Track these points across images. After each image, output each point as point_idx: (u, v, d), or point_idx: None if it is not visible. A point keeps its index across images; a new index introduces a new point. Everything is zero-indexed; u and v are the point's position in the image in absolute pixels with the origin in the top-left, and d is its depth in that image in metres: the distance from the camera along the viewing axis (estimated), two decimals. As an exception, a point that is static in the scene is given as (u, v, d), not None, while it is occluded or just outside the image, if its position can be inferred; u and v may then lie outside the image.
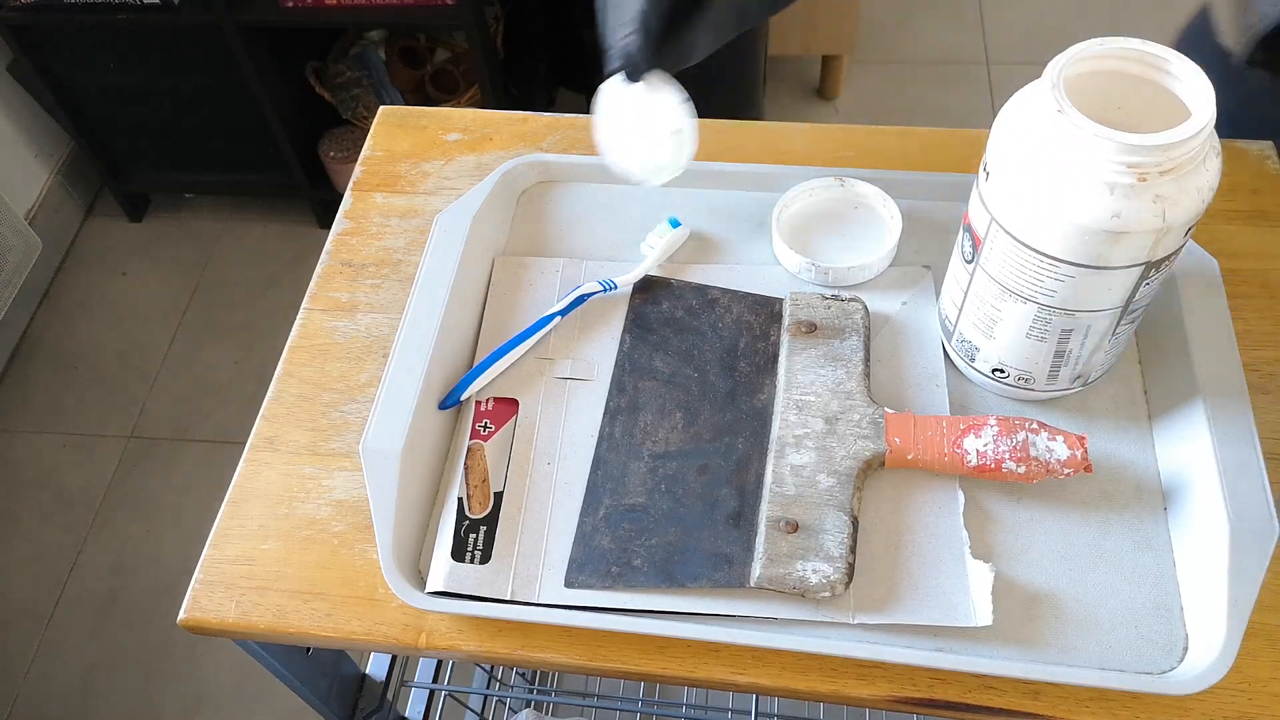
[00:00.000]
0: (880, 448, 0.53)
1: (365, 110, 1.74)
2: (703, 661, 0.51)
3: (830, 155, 0.71)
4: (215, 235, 1.92)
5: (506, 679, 1.18)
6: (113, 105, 1.74)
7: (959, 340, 0.57)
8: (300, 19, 1.54)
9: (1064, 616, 0.50)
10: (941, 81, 2.02)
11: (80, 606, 1.48)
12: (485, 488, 0.55)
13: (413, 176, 0.72)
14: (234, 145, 1.79)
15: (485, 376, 0.58)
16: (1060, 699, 0.49)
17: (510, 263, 0.65)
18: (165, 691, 1.40)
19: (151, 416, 1.67)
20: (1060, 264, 0.47)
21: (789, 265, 0.63)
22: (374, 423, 0.54)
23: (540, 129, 0.74)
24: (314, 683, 0.67)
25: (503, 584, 0.52)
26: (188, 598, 0.55)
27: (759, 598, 0.51)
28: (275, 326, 1.77)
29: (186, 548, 1.52)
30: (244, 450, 0.60)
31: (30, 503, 1.59)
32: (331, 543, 0.56)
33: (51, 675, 1.43)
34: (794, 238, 0.64)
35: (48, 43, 1.64)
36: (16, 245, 1.71)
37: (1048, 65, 0.46)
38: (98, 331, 1.79)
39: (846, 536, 0.51)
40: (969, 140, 0.71)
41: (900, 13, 2.15)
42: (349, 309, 0.66)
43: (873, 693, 0.50)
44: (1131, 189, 0.44)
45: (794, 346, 0.58)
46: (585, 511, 0.55)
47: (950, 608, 0.50)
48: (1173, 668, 0.48)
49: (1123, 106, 0.48)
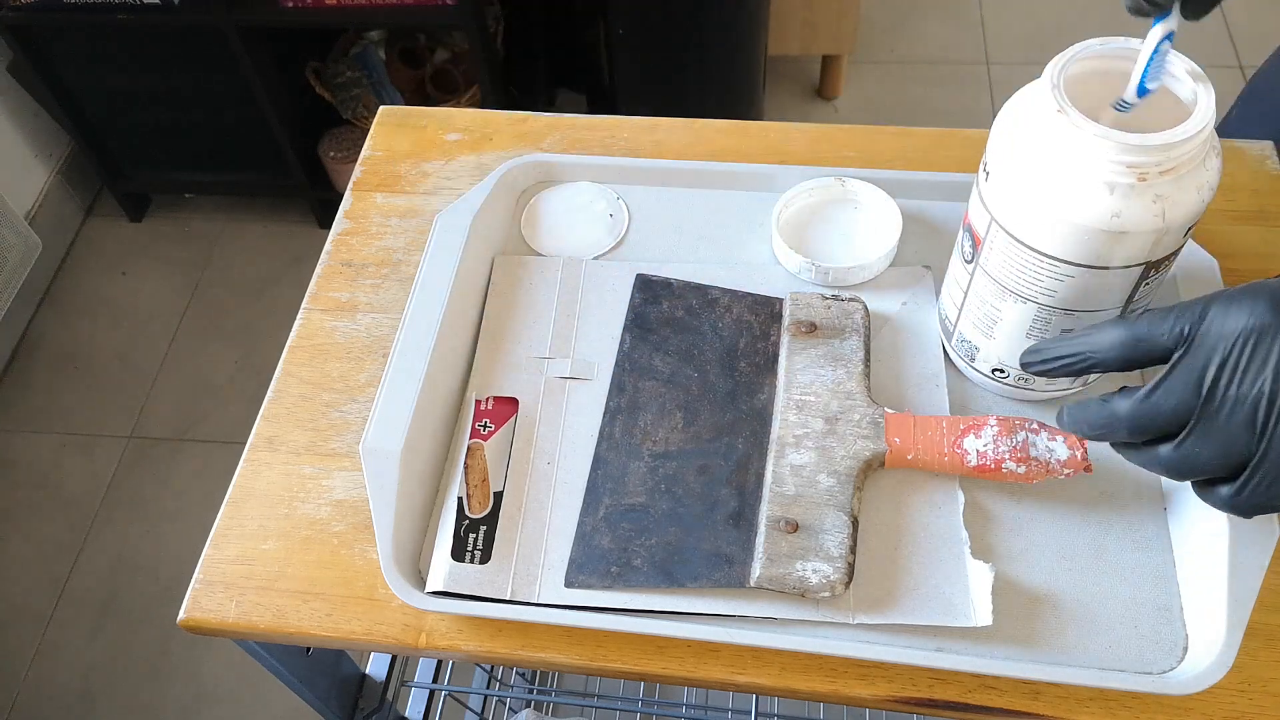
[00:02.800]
0: (880, 448, 0.53)
1: (365, 110, 1.74)
2: (703, 661, 0.51)
3: (830, 155, 0.71)
4: (215, 235, 1.92)
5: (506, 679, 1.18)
6: (113, 105, 1.74)
7: (959, 340, 0.57)
8: (300, 19, 1.54)
9: (1064, 616, 0.50)
10: (941, 81, 2.02)
11: (80, 606, 1.48)
12: (485, 487, 0.55)
13: (413, 176, 0.72)
14: (234, 145, 1.79)
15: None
16: (1060, 699, 0.49)
17: (510, 262, 0.65)
18: (165, 691, 1.40)
19: (151, 416, 1.67)
20: (1060, 264, 0.47)
21: (789, 265, 0.63)
22: (374, 423, 0.54)
23: (540, 129, 0.74)
24: (314, 683, 0.67)
25: (503, 584, 0.52)
26: (188, 598, 0.55)
27: (759, 598, 0.51)
28: (275, 326, 1.77)
29: (186, 548, 1.52)
30: (244, 450, 0.60)
31: (30, 503, 1.59)
32: (331, 543, 0.56)
33: (51, 675, 1.43)
34: (794, 238, 0.64)
35: (48, 43, 1.64)
36: (16, 245, 1.71)
37: (1048, 65, 0.46)
38: (98, 331, 1.79)
39: (846, 536, 0.51)
40: (969, 140, 0.71)
41: (900, 13, 2.15)
42: (349, 309, 0.66)
43: (873, 693, 0.50)
44: (1131, 189, 0.44)
45: (794, 346, 0.58)
46: (585, 511, 0.55)
47: (950, 608, 0.50)
48: (1173, 668, 0.48)
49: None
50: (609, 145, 0.73)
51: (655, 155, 0.71)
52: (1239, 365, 0.40)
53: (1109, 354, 0.45)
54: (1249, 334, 0.40)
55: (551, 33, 1.84)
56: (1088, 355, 0.46)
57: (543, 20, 1.81)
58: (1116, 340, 0.45)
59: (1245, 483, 0.41)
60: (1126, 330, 0.44)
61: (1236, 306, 0.41)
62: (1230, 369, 0.40)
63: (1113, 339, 0.45)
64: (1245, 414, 0.40)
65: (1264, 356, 0.40)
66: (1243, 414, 0.40)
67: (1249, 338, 0.40)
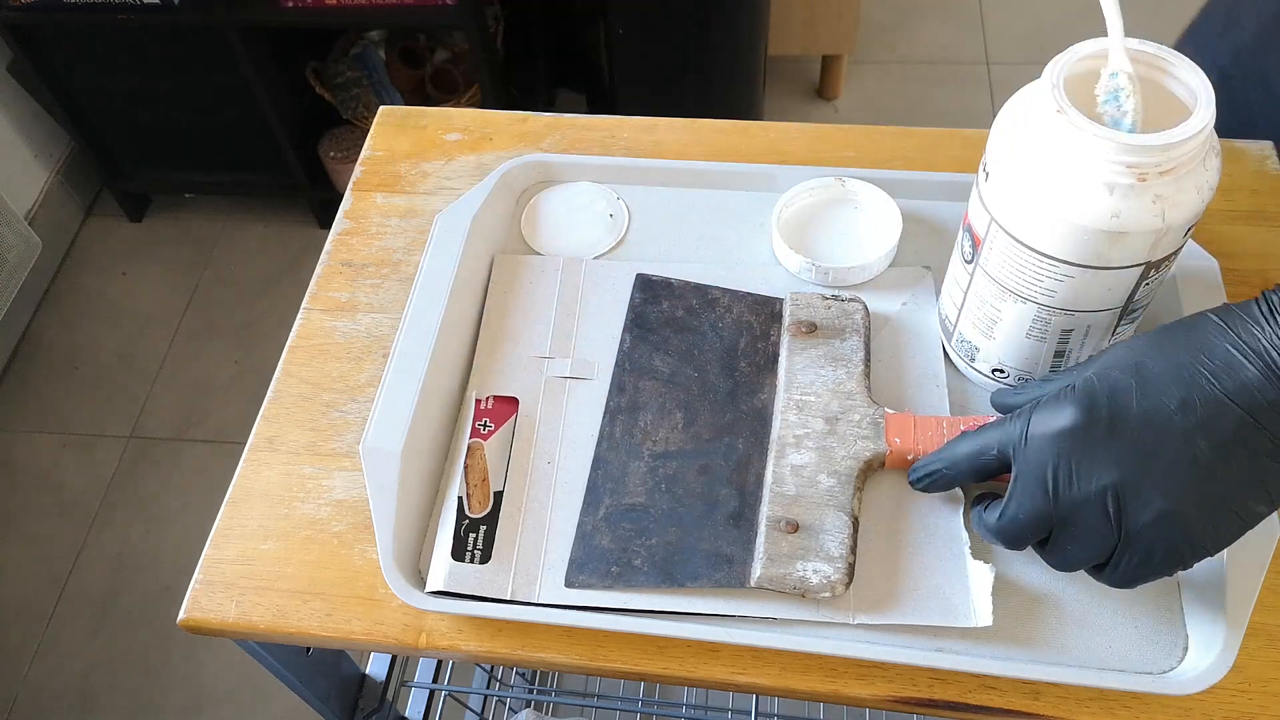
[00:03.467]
0: (880, 448, 0.53)
1: (365, 110, 1.74)
2: (703, 661, 0.51)
3: (830, 155, 0.71)
4: (215, 235, 1.92)
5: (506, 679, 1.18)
6: (113, 105, 1.74)
7: (959, 340, 0.57)
8: (300, 19, 1.54)
9: (1064, 616, 0.50)
10: (941, 81, 2.02)
11: (80, 606, 1.48)
12: (485, 487, 0.55)
13: (413, 176, 0.72)
14: (234, 145, 1.79)
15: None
16: (1060, 699, 0.49)
17: (510, 260, 0.65)
18: (165, 691, 1.40)
19: (151, 416, 1.67)
20: (1060, 264, 0.47)
21: (789, 265, 0.63)
22: (374, 423, 0.54)
23: (540, 129, 0.74)
24: (314, 683, 0.67)
25: (502, 583, 0.52)
26: (188, 598, 0.55)
27: (759, 598, 0.51)
28: (275, 326, 1.77)
29: (186, 548, 1.52)
30: (244, 450, 0.60)
31: (30, 503, 1.59)
32: (331, 543, 0.56)
33: (51, 675, 1.43)
34: (794, 238, 0.64)
35: (48, 43, 1.64)
36: (16, 245, 1.71)
37: (1047, 65, 0.46)
38: (98, 331, 1.79)
39: (847, 537, 0.51)
40: (969, 140, 0.71)
41: (900, 13, 2.15)
42: (349, 309, 0.66)
43: (873, 693, 0.50)
44: (1131, 189, 0.44)
45: (794, 346, 0.58)
46: (585, 511, 0.55)
47: (950, 608, 0.50)
48: (1173, 668, 0.48)
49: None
50: (609, 145, 0.73)
51: (655, 155, 0.71)
52: (1072, 466, 0.42)
53: (959, 467, 0.48)
54: (1072, 434, 0.42)
55: (551, 33, 1.84)
56: (943, 471, 0.49)
57: (543, 20, 1.81)
58: (963, 454, 0.48)
59: (1116, 565, 0.43)
60: (971, 443, 0.47)
61: (1051, 413, 0.43)
62: (1065, 471, 0.42)
63: (961, 453, 0.48)
64: (1097, 509, 0.42)
65: (1092, 453, 0.42)
66: (1095, 510, 0.42)
67: (1073, 438, 0.42)
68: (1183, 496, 0.40)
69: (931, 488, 0.50)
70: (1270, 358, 0.39)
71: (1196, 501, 0.40)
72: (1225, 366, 0.40)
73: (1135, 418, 0.41)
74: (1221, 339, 0.41)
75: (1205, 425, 0.40)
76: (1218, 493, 0.40)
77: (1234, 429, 0.40)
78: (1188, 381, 0.41)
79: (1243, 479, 0.40)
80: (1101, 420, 0.42)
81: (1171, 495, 0.41)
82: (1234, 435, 0.40)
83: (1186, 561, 0.42)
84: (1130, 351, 0.43)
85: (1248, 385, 0.40)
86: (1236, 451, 0.40)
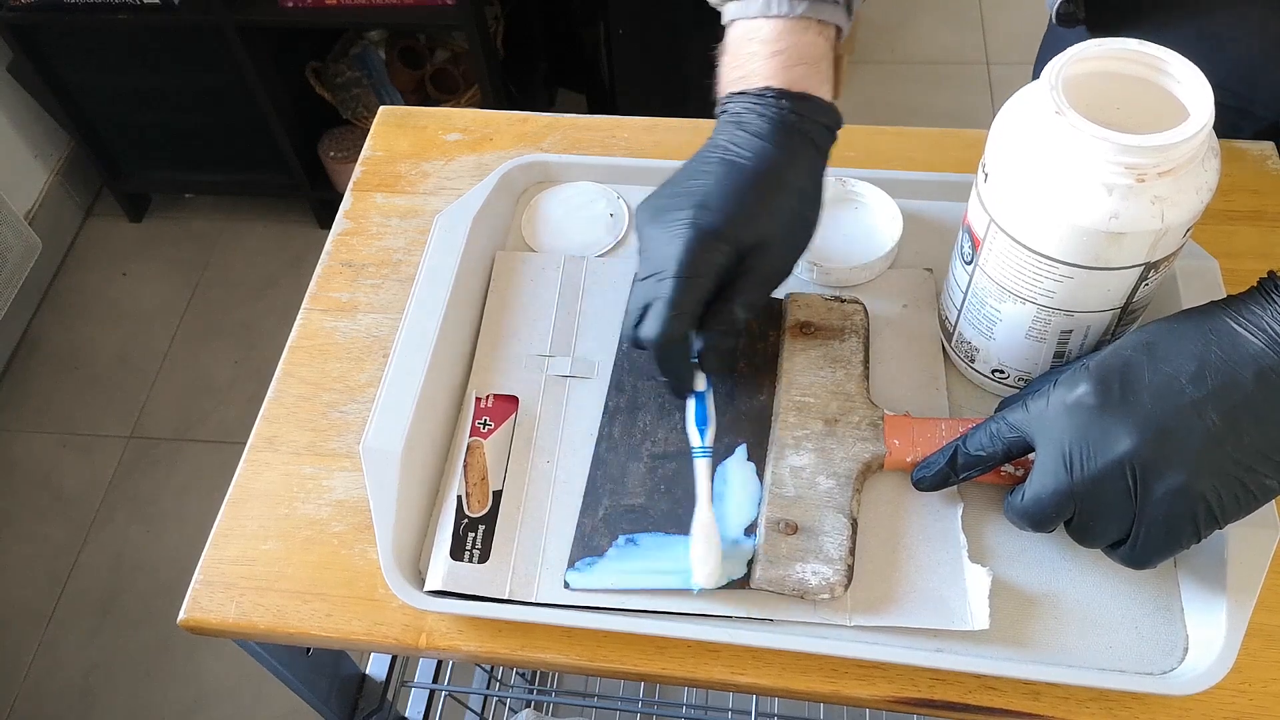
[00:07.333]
0: (879, 450, 0.53)
1: (365, 110, 1.74)
2: (703, 662, 0.51)
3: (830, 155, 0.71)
4: (215, 235, 1.92)
5: (506, 679, 1.18)
6: (113, 105, 1.74)
7: (959, 341, 0.57)
8: (300, 19, 1.55)
9: (1064, 617, 0.50)
10: (941, 81, 2.02)
11: (80, 606, 1.48)
12: (484, 486, 0.55)
13: (413, 176, 0.72)
14: (234, 145, 1.79)
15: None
16: (1060, 699, 0.49)
17: (511, 258, 0.65)
18: (165, 691, 1.40)
19: (151, 416, 1.67)
20: (1059, 265, 0.47)
21: (789, 266, 0.63)
22: (374, 423, 0.54)
23: (540, 129, 0.74)
24: (314, 683, 0.67)
25: (500, 583, 0.52)
26: (188, 598, 0.55)
27: (758, 598, 0.51)
28: (275, 326, 1.77)
29: (186, 548, 1.51)
30: (244, 450, 0.60)
31: (30, 503, 1.59)
32: (331, 543, 0.56)
33: (51, 675, 1.43)
34: (794, 238, 0.64)
35: (48, 43, 1.64)
36: (16, 245, 1.71)
37: (1046, 66, 0.46)
38: (98, 331, 1.79)
39: (846, 539, 0.51)
40: (969, 140, 0.71)
41: (900, 13, 2.14)
42: (349, 309, 0.66)
43: (872, 693, 0.50)
44: (1130, 190, 0.44)
45: (794, 347, 0.58)
46: (585, 511, 0.54)
47: (948, 611, 0.50)
48: (1173, 668, 0.48)
49: (1121, 107, 0.48)
50: (609, 145, 0.73)
51: (655, 155, 0.71)
52: (1088, 439, 0.43)
53: (977, 441, 0.49)
54: (1087, 408, 0.43)
55: (551, 32, 1.84)
56: (957, 448, 0.50)
57: (543, 20, 1.81)
58: (981, 432, 0.49)
59: (1135, 540, 0.44)
60: (988, 424, 0.48)
61: (1066, 388, 0.44)
62: (1082, 445, 0.43)
63: (978, 432, 0.49)
64: (1115, 480, 0.43)
65: (1106, 425, 0.43)
66: (1114, 481, 0.43)
67: (1089, 412, 0.43)
68: (1195, 466, 0.42)
69: (936, 478, 0.51)
70: (1275, 331, 0.41)
71: (1208, 471, 0.42)
72: (1232, 342, 0.42)
73: (1148, 390, 0.43)
74: (1227, 319, 0.43)
75: (1215, 395, 0.42)
76: (1228, 463, 0.42)
77: (1243, 399, 0.41)
78: (1198, 356, 0.42)
79: (1252, 450, 0.42)
80: (1114, 393, 0.43)
81: (1184, 465, 0.42)
82: (1243, 405, 0.41)
83: (1200, 532, 0.43)
84: (1142, 333, 0.45)
85: (1254, 356, 0.41)
86: (1245, 422, 0.41)
